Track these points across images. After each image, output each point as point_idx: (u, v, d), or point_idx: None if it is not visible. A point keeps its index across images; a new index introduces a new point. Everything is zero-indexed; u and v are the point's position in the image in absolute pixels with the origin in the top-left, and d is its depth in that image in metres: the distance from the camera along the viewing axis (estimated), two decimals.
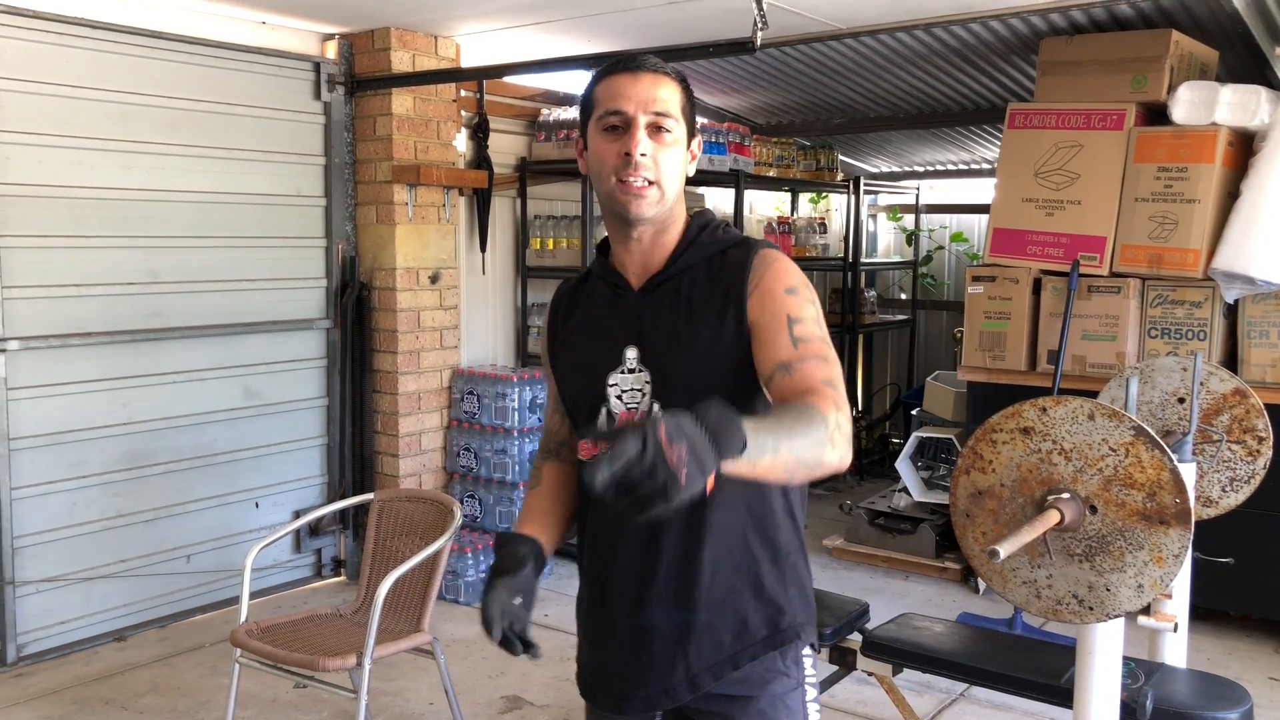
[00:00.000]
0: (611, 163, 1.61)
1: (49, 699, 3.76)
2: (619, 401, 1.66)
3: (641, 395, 1.64)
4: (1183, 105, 4.38)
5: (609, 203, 1.65)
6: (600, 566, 1.73)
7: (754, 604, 1.66)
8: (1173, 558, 1.90)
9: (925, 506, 5.38)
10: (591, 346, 1.70)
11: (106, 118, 4.18)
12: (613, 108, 1.61)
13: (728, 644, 1.65)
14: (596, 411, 1.67)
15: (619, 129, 1.61)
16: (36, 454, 4.06)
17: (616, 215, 1.65)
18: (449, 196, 5.09)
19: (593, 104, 1.65)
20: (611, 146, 1.61)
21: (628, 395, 1.66)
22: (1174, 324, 4.40)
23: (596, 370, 1.67)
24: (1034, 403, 2.03)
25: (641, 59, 1.65)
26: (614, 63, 1.66)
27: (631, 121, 1.60)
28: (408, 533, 3.45)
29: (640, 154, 1.59)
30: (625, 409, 1.65)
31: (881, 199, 8.26)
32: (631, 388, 1.65)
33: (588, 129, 1.66)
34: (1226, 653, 4.24)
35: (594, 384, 1.67)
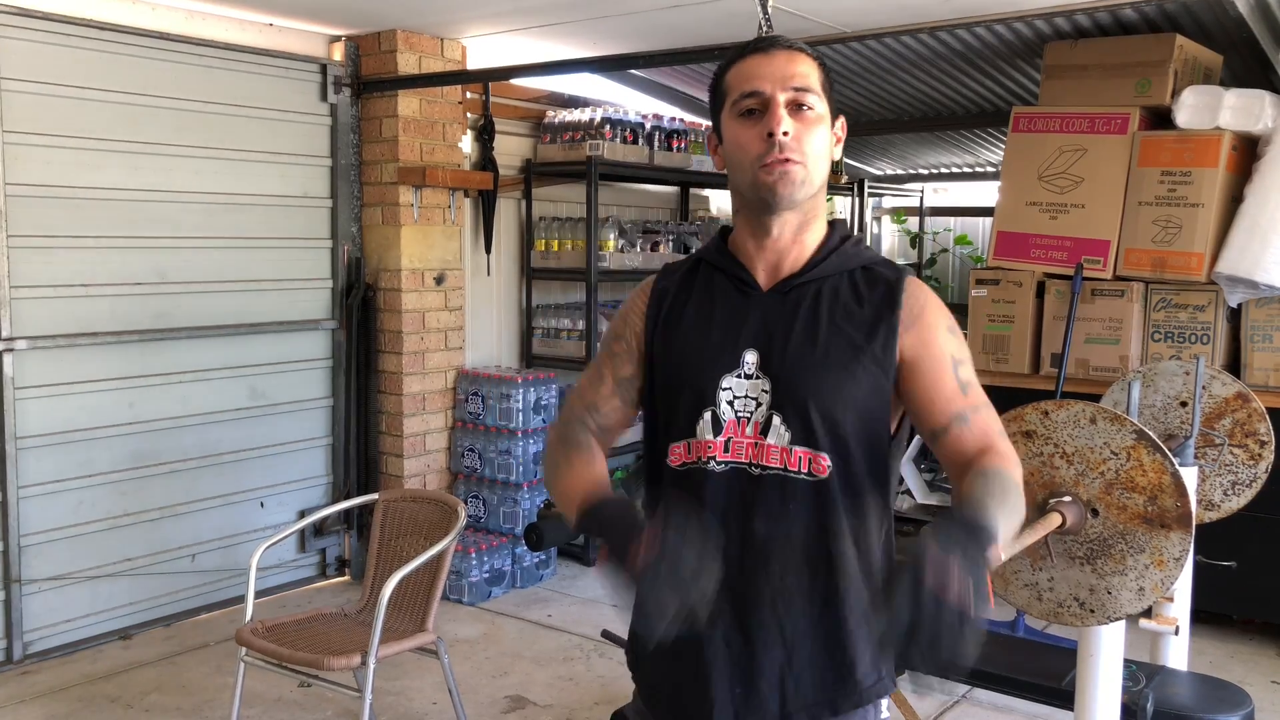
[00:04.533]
0: (755, 149, 1.47)
1: (55, 697, 3.78)
2: (729, 408, 1.51)
3: (757, 405, 1.50)
4: (1187, 110, 4.39)
5: (752, 191, 1.50)
6: None
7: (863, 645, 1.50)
8: (1174, 561, 1.91)
9: (928, 509, 5.39)
10: (706, 342, 1.54)
11: (114, 119, 4.20)
12: (749, 89, 1.49)
13: (830, 684, 1.50)
14: (699, 413, 1.52)
15: (757, 112, 1.48)
16: (43, 453, 4.08)
17: (760, 201, 1.51)
18: (454, 198, 5.11)
19: (725, 91, 1.53)
20: (751, 131, 1.48)
21: (740, 403, 1.51)
22: (1177, 328, 4.41)
23: (709, 370, 1.52)
24: (1036, 406, 2.04)
25: (772, 37, 1.55)
26: (743, 45, 1.54)
27: (770, 101, 1.47)
28: (412, 533, 3.46)
29: (783, 132, 1.46)
30: (735, 416, 1.51)
31: (886, 201, 8.27)
32: (746, 395, 1.51)
33: (721, 120, 1.54)
34: (1228, 656, 4.25)
35: (704, 384, 1.52)
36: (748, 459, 1.50)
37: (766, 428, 1.49)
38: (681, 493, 1.52)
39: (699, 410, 1.52)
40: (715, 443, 1.51)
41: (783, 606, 1.49)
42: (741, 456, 1.50)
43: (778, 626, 1.49)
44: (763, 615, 1.49)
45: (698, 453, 1.52)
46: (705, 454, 1.51)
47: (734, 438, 1.50)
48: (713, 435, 1.51)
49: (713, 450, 1.51)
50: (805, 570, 1.49)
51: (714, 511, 1.50)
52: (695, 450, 1.52)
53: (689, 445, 1.53)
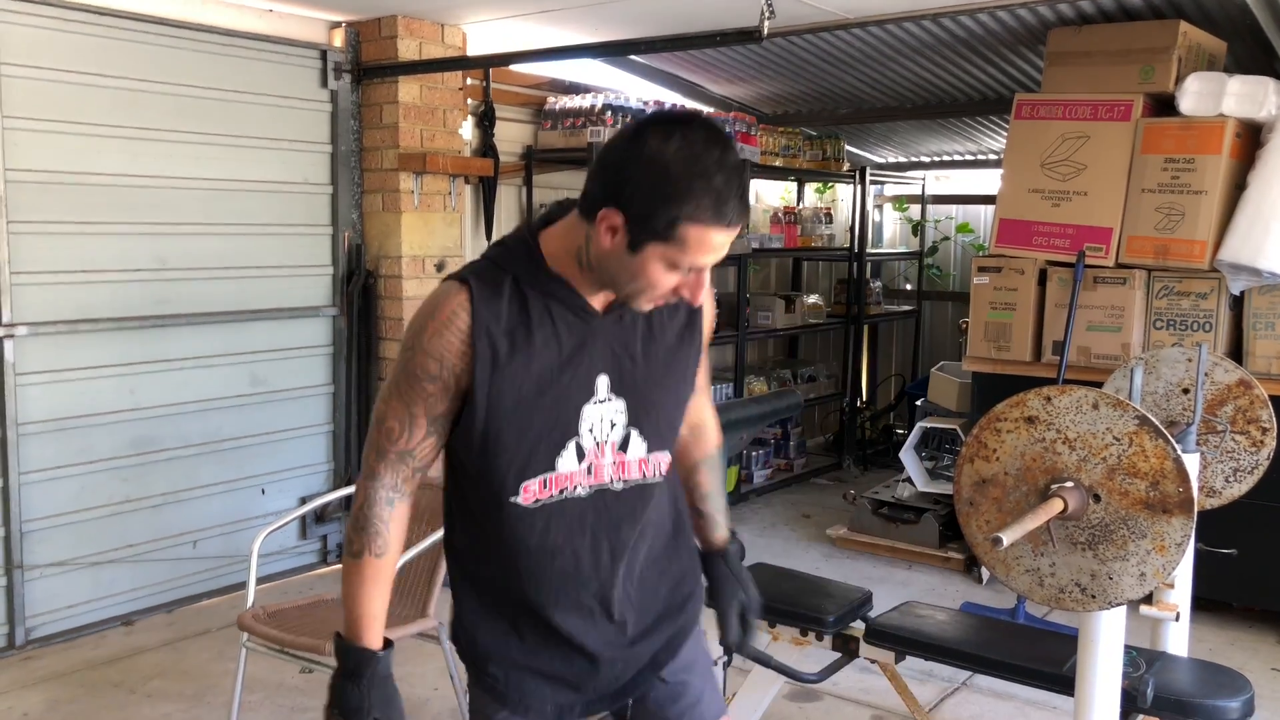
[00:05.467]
0: (660, 290, 1.49)
1: (58, 681, 3.79)
2: (590, 435, 1.57)
3: (613, 426, 1.59)
4: (1190, 96, 4.38)
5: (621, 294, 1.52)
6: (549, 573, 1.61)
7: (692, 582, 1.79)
8: (1175, 546, 1.91)
9: (929, 497, 5.39)
10: (560, 377, 1.53)
11: (114, 104, 4.19)
12: (699, 264, 1.46)
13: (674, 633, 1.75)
14: (561, 446, 1.55)
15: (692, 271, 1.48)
16: (45, 439, 4.08)
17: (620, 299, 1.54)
18: (455, 185, 5.10)
19: (674, 236, 1.42)
20: (668, 280, 1.47)
21: (598, 428, 1.58)
22: (1179, 315, 4.41)
23: (569, 403, 1.55)
24: (1038, 392, 2.04)
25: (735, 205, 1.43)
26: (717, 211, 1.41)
27: (702, 270, 1.48)
28: (413, 519, 3.45)
29: None
30: (595, 442, 1.57)
31: (887, 189, 8.25)
32: (602, 419, 1.58)
33: (649, 244, 1.43)
34: (1229, 643, 4.25)
35: (567, 417, 1.55)
36: (610, 479, 1.61)
37: (625, 444, 1.60)
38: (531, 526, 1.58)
39: (561, 444, 1.55)
40: (578, 471, 1.58)
41: (643, 586, 1.69)
42: (604, 478, 1.60)
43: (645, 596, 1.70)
44: (628, 598, 1.67)
45: (558, 485, 1.57)
46: (569, 485, 1.58)
47: (594, 462, 1.59)
48: (576, 464, 1.57)
49: (575, 479, 1.58)
50: (659, 550, 1.72)
51: (580, 532, 1.60)
52: (554, 484, 1.57)
53: (546, 480, 1.56)
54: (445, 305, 1.51)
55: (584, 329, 1.55)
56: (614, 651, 1.67)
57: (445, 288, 1.54)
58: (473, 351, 1.50)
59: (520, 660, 1.66)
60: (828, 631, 2.96)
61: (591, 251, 1.49)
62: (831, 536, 5.56)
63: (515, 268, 1.54)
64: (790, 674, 3.02)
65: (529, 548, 1.58)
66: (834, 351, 7.87)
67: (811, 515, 6.11)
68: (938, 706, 3.66)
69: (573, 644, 1.65)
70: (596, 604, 1.64)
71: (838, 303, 7.50)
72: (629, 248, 1.45)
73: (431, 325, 1.51)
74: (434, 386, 1.52)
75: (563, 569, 1.60)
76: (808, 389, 7.00)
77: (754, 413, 3.42)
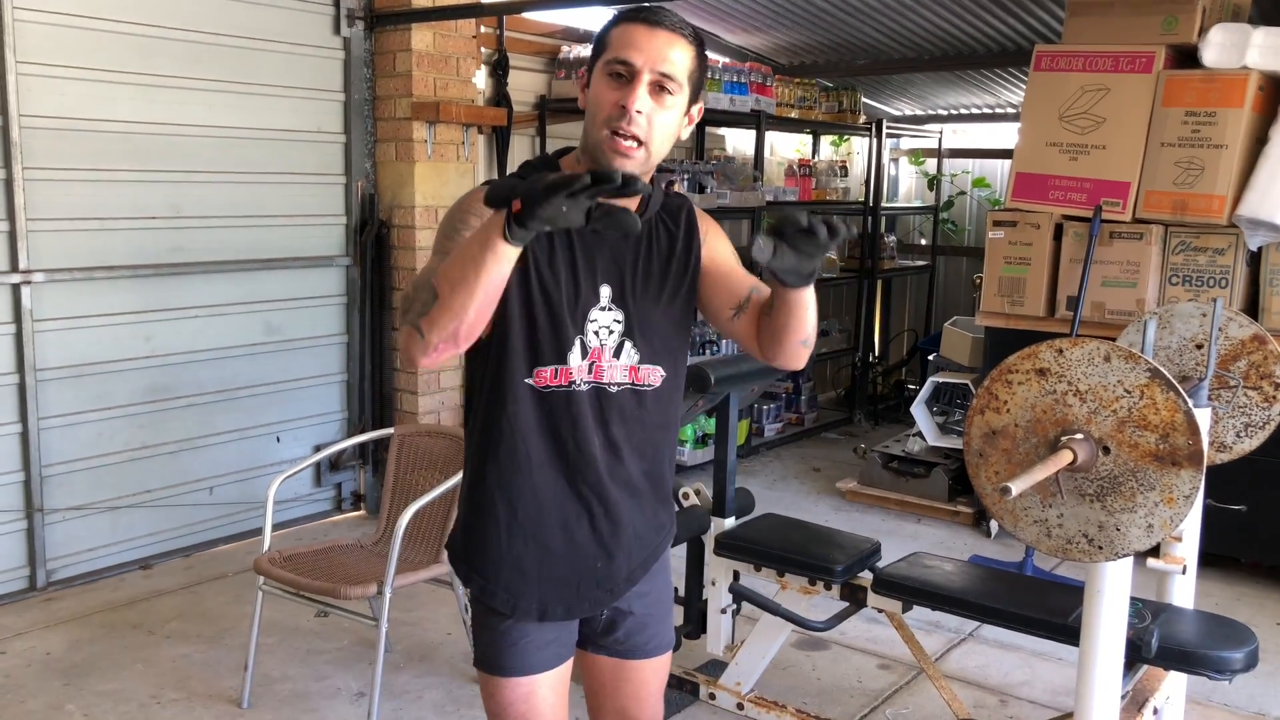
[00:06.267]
0: (607, 111, 1.62)
1: (78, 623, 3.86)
2: (595, 336, 1.73)
3: (610, 332, 1.74)
4: (1214, 48, 4.31)
5: (595, 150, 1.64)
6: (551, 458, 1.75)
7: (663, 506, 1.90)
8: (1183, 499, 1.92)
9: (939, 451, 5.41)
10: (573, 278, 1.70)
11: (128, 50, 4.17)
12: (622, 57, 1.61)
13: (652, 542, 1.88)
14: (569, 342, 1.70)
15: (623, 78, 1.62)
16: (63, 385, 4.12)
17: (596, 161, 1.65)
18: (468, 134, 5.07)
19: (604, 46, 1.65)
20: (611, 95, 1.62)
21: (602, 332, 1.73)
22: (1196, 271, 4.38)
23: (579, 304, 1.71)
24: (1050, 344, 2.04)
25: (662, 13, 1.64)
26: (634, 10, 1.66)
27: (636, 75, 1.61)
28: (427, 466, 3.50)
29: (636, 109, 1.60)
30: (598, 344, 1.73)
31: (904, 143, 8.18)
32: (603, 325, 1.73)
33: (594, 69, 1.66)
34: (1235, 599, 4.28)
35: (576, 316, 1.70)
36: (606, 380, 1.75)
37: (619, 350, 1.75)
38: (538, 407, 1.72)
39: (570, 340, 1.71)
40: (581, 366, 1.73)
41: (630, 490, 1.81)
42: (601, 377, 1.74)
43: (629, 506, 1.81)
44: (620, 498, 1.79)
45: (564, 377, 1.72)
46: (576, 378, 1.73)
47: (596, 361, 1.74)
48: (581, 360, 1.72)
49: (579, 374, 1.73)
50: (644, 478, 1.82)
51: (580, 423, 1.74)
52: (562, 375, 1.72)
53: (556, 370, 1.71)
54: (469, 198, 1.67)
55: (593, 239, 1.70)
56: (597, 553, 1.80)
57: (470, 192, 1.69)
58: None
59: (508, 556, 1.78)
60: (836, 581, 2.99)
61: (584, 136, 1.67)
62: (841, 490, 5.59)
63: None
64: (798, 622, 3.06)
65: (536, 431, 1.73)
66: (847, 306, 7.85)
67: (821, 469, 6.14)
68: (944, 656, 3.71)
69: (565, 536, 1.78)
70: (593, 496, 1.78)
71: (851, 257, 7.47)
72: (588, 85, 1.66)
73: (458, 212, 1.66)
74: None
75: (562, 453, 1.75)
76: (820, 343, 6.98)
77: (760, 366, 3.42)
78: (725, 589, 3.23)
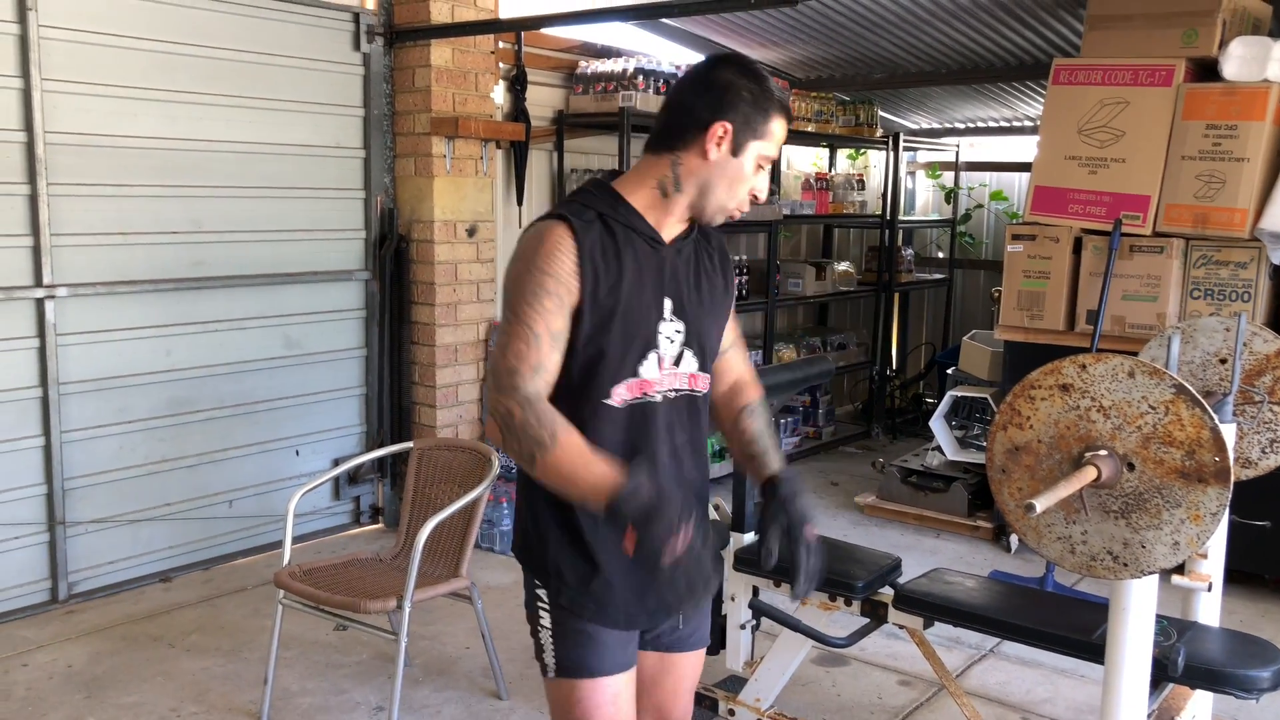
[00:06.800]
0: (741, 194, 1.84)
1: (99, 635, 3.88)
2: (665, 347, 1.85)
3: (671, 343, 1.86)
4: (1234, 61, 4.29)
5: (718, 210, 1.84)
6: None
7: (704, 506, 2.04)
8: (1210, 516, 1.91)
9: (958, 465, 5.38)
10: (644, 296, 1.81)
11: (151, 67, 4.21)
12: (772, 156, 1.85)
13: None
14: (643, 355, 1.83)
15: (761, 169, 1.85)
16: (85, 398, 4.15)
17: (704, 215, 1.85)
18: (486, 149, 5.10)
19: (764, 131, 1.81)
20: (752, 181, 1.84)
21: (667, 343, 1.86)
22: (1218, 285, 4.35)
23: (651, 318, 1.82)
24: (1073, 359, 2.03)
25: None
26: (784, 104, 1.85)
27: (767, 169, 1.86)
28: (446, 480, 3.50)
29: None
30: (665, 355, 1.86)
31: (921, 156, 8.17)
32: (666, 336, 1.86)
33: (745, 141, 1.80)
34: (1260, 615, 4.23)
35: (650, 331, 1.82)
36: (671, 387, 1.88)
37: (679, 359, 1.88)
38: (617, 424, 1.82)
39: (644, 353, 1.83)
40: (656, 378, 1.85)
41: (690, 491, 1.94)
42: (669, 386, 1.88)
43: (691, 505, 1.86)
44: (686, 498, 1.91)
45: (642, 390, 1.84)
46: (650, 390, 1.85)
47: (666, 371, 1.87)
48: (656, 372, 1.85)
49: (654, 385, 1.85)
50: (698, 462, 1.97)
51: (652, 432, 1.86)
52: (640, 388, 1.84)
53: (631, 385, 1.82)
54: (551, 234, 1.76)
55: (655, 257, 1.83)
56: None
57: (545, 224, 1.78)
58: (580, 271, 1.75)
59: (596, 568, 1.85)
60: (856, 597, 2.97)
61: (682, 175, 1.81)
62: (860, 504, 5.57)
63: (599, 206, 1.82)
64: (818, 638, 3.04)
65: (614, 444, 1.80)
66: (864, 319, 7.83)
67: (840, 483, 6.12)
68: (965, 673, 3.68)
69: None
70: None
71: (869, 270, 7.46)
72: (733, 151, 1.80)
73: (544, 250, 1.75)
74: (552, 303, 1.74)
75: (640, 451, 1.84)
76: (838, 357, 6.98)
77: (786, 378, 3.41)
78: (745, 604, 3.21)
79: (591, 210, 1.80)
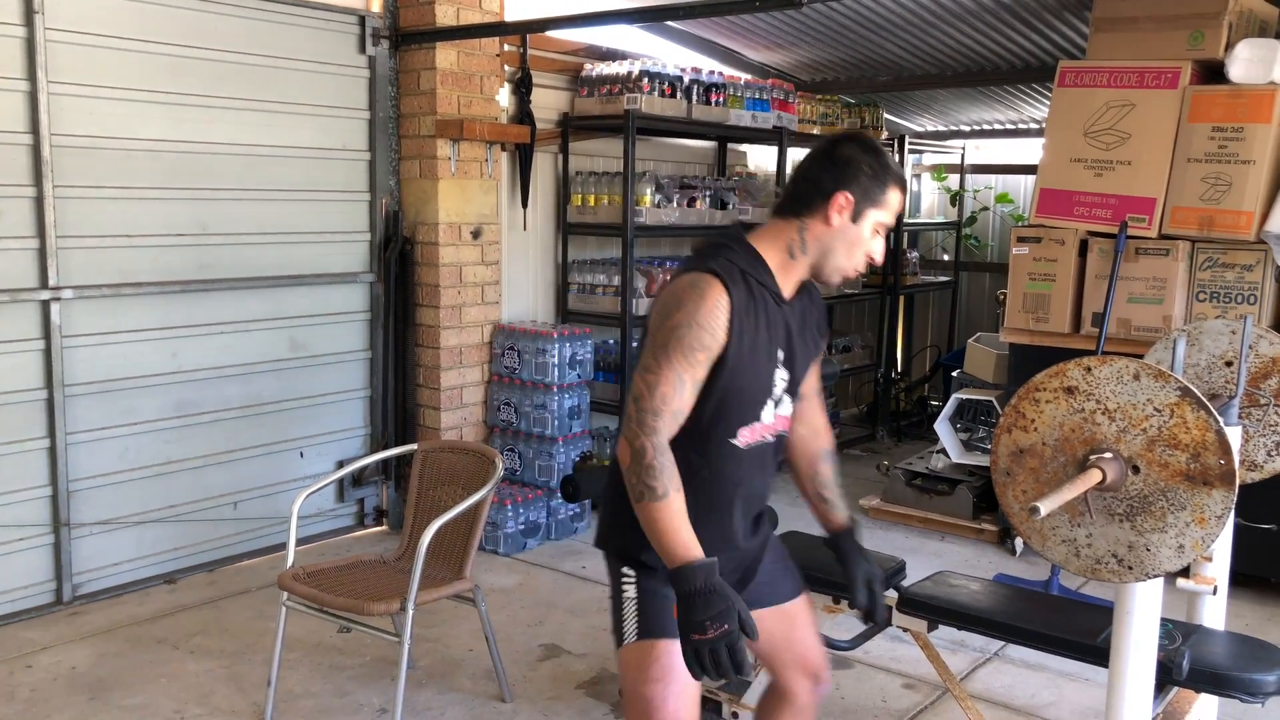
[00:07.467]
0: (858, 257, 2.05)
1: (104, 637, 3.88)
2: (778, 392, 2.11)
3: (778, 389, 2.11)
4: (1240, 63, 4.28)
5: (837, 271, 2.07)
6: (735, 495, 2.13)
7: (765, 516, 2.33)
8: (1215, 519, 1.90)
9: (963, 468, 5.37)
10: (770, 349, 2.06)
11: (157, 70, 4.22)
12: (889, 223, 2.05)
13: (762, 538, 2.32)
14: (762, 403, 2.08)
15: (878, 235, 2.06)
16: (90, 400, 4.16)
17: (824, 275, 2.08)
18: (491, 152, 5.10)
19: (883, 200, 2.03)
20: (869, 245, 2.05)
21: (778, 390, 2.11)
22: (1223, 287, 4.34)
23: (771, 369, 2.07)
24: (1078, 362, 2.02)
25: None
26: (900, 175, 2.07)
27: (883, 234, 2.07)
28: (450, 482, 3.50)
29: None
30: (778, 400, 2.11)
31: (926, 158, 8.16)
32: (778, 384, 2.11)
33: (865, 209, 2.02)
34: (1266, 619, 4.22)
35: (768, 378, 2.07)
36: (777, 430, 2.15)
37: (779, 403, 2.12)
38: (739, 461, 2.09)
39: (764, 400, 2.08)
40: (772, 423, 2.12)
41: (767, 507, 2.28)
42: (776, 429, 2.15)
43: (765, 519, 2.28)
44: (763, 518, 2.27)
45: (760, 433, 2.10)
46: (767, 433, 2.12)
47: (777, 414, 2.13)
48: (771, 417, 2.11)
49: (769, 429, 2.12)
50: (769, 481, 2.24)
51: (759, 467, 2.14)
52: (759, 431, 2.10)
53: (754, 428, 2.09)
54: (712, 292, 1.96)
55: (777, 312, 2.07)
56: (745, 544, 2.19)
57: (705, 279, 1.97)
58: (730, 328, 1.96)
59: None
60: None
61: (808, 239, 2.05)
62: (865, 507, 5.56)
63: (744, 264, 2.03)
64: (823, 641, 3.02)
65: (729, 477, 2.08)
66: (869, 322, 7.82)
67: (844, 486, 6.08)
68: (969, 676, 3.67)
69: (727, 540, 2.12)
70: (753, 513, 2.20)
71: (873, 273, 7.45)
72: (854, 219, 2.02)
73: (705, 306, 1.94)
74: (704, 356, 1.95)
75: (745, 493, 2.13)
76: (842, 359, 6.97)
77: None
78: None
79: (737, 269, 2.00)
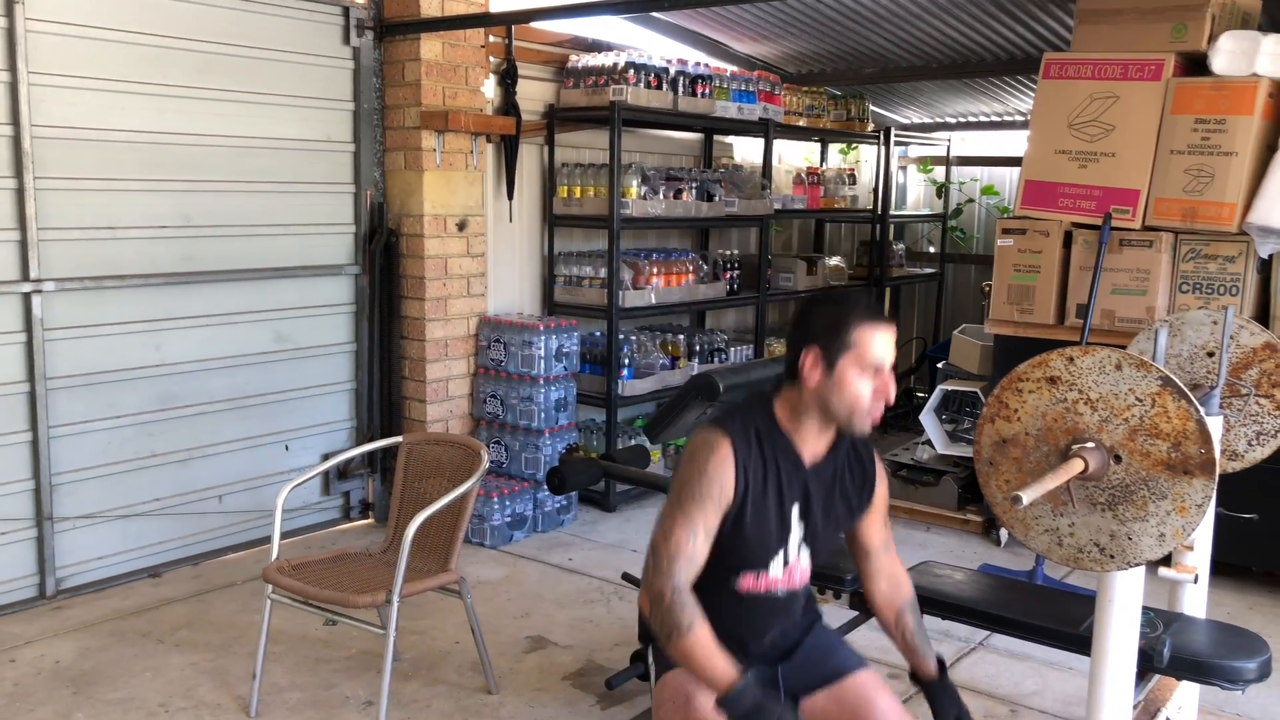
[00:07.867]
0: (862, 400, 2.08)
1: (88, 631, 3.87)
2: (792, 548, 2.22)
3: (791, 544, 2.22)
4: (1223, 55, 4.30)
5: (844, 421, 2.11)
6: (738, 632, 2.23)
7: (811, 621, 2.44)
8: (1196, 507, 1.91)
9: (949, 459, 5.39)
10: (782, 508, 2.16)
11: (139, 60, 4.19)
12: (879, 364, 2.07)
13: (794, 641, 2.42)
14: (772, 554, 2.20)
15: (879, 374, 2.08)
16: (73, 394, 4.13)
17: (843, 426, 2.13)
18: (476, 143, 5.08)
19: (853, 344, 2.06)
20: (862, 383, 2.07)
21: (791, 546, 2.22)
22: (1206, 279, 4.36)
23: (785, 524, 2.18)
24: (1061, 352, 2.03)
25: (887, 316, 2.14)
26: (874, 314, 2.09)
27: (888, 371, 2.08)
28: (435, 475, 3.50)
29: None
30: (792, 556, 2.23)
31: (912, 150, 8.17)
32: (792, 539, 2.22)
33: (839, 358, 2.06)
34: (1248, 608, 4.25)
35: (782, 533, 2.18)
36: (789, 586, 2.25)
37: (790, 558, 2.23)
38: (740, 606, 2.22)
39: (774, 551, 2.20)
40: (782, 576, 2.23)
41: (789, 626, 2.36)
42: (786, 584, 2.25)
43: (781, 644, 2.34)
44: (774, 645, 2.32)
45: (765, 584, 2.22)
46: (772, 585, 2.23)
47: (793, 568, 2.24)
48: (781, 571, 2.22)
49: (779, 581, 2.24)
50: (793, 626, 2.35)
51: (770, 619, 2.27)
52: (763, 582, 2.22)
53: (759, 575, 2.20)
54: (720, 448, 2.11)
55: (795, 473, 2.17)
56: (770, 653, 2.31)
57: (716, 436, 2.12)
58: (737, 482, 2.10)
59: None
60: (846, 590, 2.98)
61: (805, 398, 2.13)
62: None
63: (757, 424, 2.17)
64: None
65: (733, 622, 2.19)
66: None
67: None
68: (954, 665, 3.69)
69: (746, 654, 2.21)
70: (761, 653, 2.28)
71: (860, 265, 7.46)
72: (827, 370, 2.07)
73: (714, 460, 2.10)
74: (713, 505, 2.09)
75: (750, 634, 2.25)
76: None
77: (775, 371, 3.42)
78: None
79: (751, 429, 2.14)
